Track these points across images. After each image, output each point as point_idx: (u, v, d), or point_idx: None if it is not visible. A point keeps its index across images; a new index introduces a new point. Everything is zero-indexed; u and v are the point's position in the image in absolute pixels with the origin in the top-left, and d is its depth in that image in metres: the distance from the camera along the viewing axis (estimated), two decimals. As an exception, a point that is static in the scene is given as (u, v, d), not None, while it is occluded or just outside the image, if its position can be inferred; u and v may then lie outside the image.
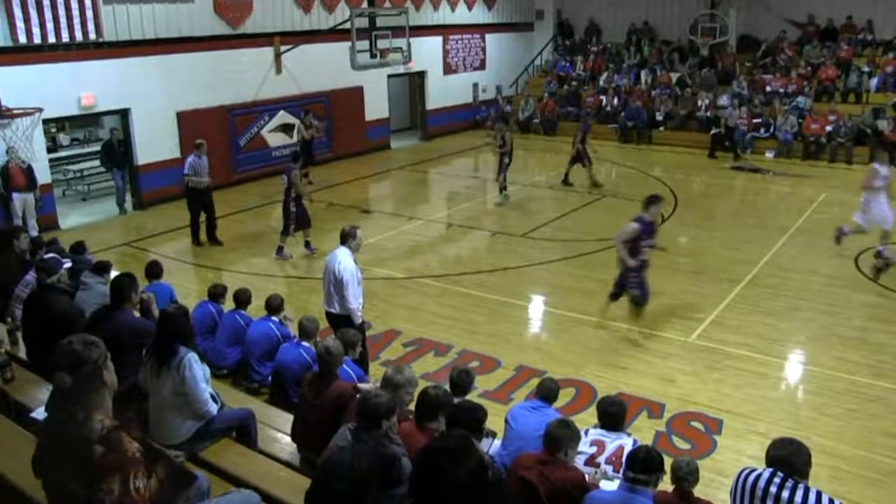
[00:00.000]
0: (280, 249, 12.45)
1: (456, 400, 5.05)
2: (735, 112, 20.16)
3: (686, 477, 4.70)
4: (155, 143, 15.82)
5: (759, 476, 4.02)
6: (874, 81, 21.51)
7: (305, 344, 7.01)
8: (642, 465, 4.23)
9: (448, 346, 9.06)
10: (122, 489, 2.92)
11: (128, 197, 15.86)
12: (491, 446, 5.26)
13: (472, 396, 5.72)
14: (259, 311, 8.25)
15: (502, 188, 15.77)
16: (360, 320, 7.60)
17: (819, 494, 3.89)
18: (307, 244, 12.60)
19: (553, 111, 23.82)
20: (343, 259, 7.42)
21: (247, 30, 17.41)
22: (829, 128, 19.78)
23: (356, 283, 7.46)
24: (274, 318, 7.91)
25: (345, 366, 6.11)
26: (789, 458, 4.00)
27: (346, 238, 7.54)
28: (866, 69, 21.75)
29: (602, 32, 27.09)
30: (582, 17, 27.45)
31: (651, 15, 26.16)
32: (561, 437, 4.52)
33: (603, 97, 23.64)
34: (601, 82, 24.56)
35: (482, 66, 25.38)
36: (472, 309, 10.26)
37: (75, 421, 3.01)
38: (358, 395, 4.93)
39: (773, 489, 3.94)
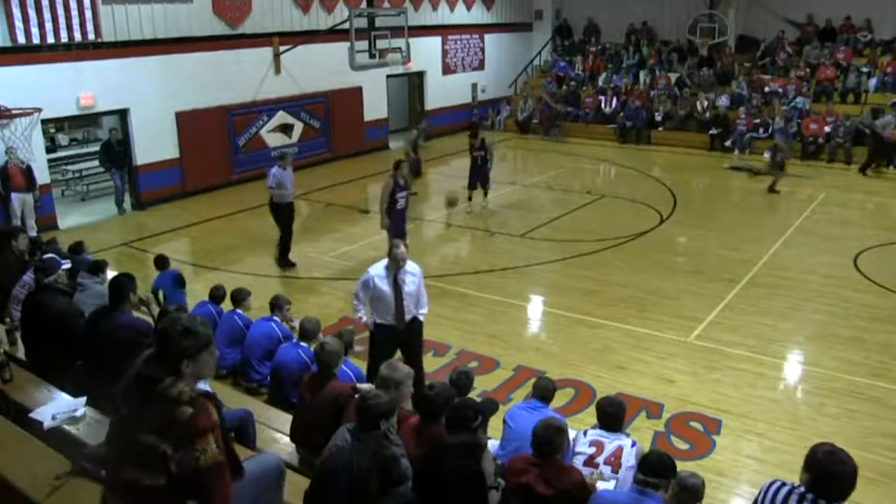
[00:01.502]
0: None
1: (455, 400, 5.01)
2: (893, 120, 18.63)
3: (682, 492, 4.34)
4: (154, 143, 15.80)
5: (789, 493, 3.82)
6: (873, 82, 21.50)
7: (304, 345, 7.01)
8: (653, 468, 4.21)
9: (447, 347, 9.07)
10: (213, 448, 3.11)
11: (126, 197, 15.83)
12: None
13: (471, 397, 5.73)
14: (263, 311, 8.25)
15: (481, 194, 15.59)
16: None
17: None
18: None
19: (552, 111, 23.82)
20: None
21: (246, 30, 17.41)
22: (827, 128, 19.79)
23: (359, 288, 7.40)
24: (276, 317, 7.91)
25: (343, 366, 6.11)
26: (836, 477, 3.73)
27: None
28: (865, 69, 21.75)
29: (601, 32, 27.08)
30: (581, 18, 27.46)
31: (650, 15, 26.16)
32: (554, 440, 4.46)
33: (602, 97, 23.65)
34: (600, 82, 24.60)
35: (481, 67, 25.41)
36: (471, 309, 10.26)
37: (164, 385, 3.14)
38: (356, 396, 4.92)
39: None
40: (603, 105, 23.49)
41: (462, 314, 10.12)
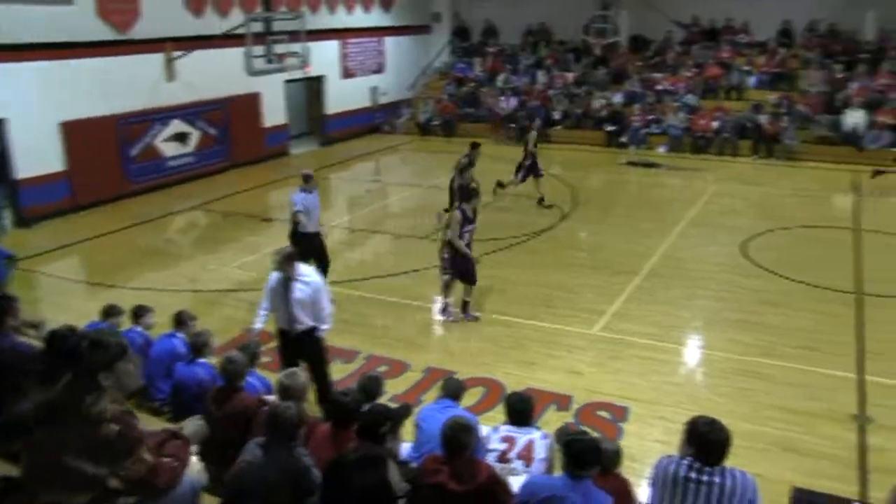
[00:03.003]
0: None
1: (365, 406, 5.03)
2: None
3: (608, 461, 4.86)
4: (37, 155, 14.93)
5: (679, 464, 4.16)
6: (752, 80, 22.68)
7: (202, 360, 6.83)
8: (582, 462, 4.24)
9: (355, 352, 9.02)
10: (147, 459, 3.18)
11: (6, 214, 14.83)
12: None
13: (381, 401, 5.75)
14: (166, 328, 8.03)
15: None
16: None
17: (736, 474, 4.07)
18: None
19: (452, 113, 24.05)
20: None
21: (135, 35, 16.80)
22: (715, 123, 20.74)
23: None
24: (180, 333, 7.68)
25: (250, 378, 6.01)
26: (717, 444, 4.11)
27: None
28: (745, 68, 22.91)
29: (499, 34, 27.53)
30: (478, 19, 27.82)
31: (546, 16, 26.66)
32: (462, 438, 4.45)
33: (501, 97, 24.01)
34: (499, 83, 24.97)
35: (381, 70, 25.40)
36: (378, 313, 10.26)
37: (86, 404, 3.13)
38: (264, 408, 4.87)
39: (693, 475, 4.08)
40: (502, 105, 23.84)
41: (369, 319, 10.10)
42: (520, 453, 5.24)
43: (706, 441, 4.11)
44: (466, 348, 9.24)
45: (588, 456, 4.22)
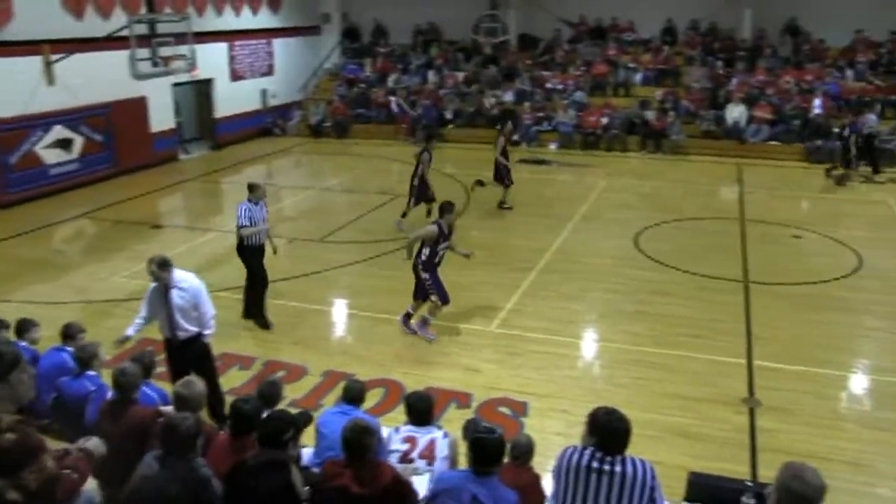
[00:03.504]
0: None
1: (266, 412, 4.92)
2: (875, 119, 18.98)
3: (519, 455, 5.01)
4: None
5: (582, 453, 4.18)
6: (638, 77, 23.36)
7: (91, 373, 6.48)
8: (487, 459, 4.27)
9: (252, 359, 8.80)
10: (49, 466, 3.09)
11: None
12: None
13: (281, 406, 5.59)
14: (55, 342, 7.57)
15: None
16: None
17: (636, 461, 4.13)
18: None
19: (344, 114, 23.80)
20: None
21: (8, 36, 15.86)
22: (604, 120, 21.22)
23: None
24: (68, 347, 7.25)
25: (145, 388, 5.74)
26: (619, 433, 4.18)
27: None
28: (632, 66, 23.56)
29: (388, 34, 27.42)
30: (368, 20, 27.62)
31: (436, 16, 26.69)
32: (362, 441, 4.39)
33: (392, 98, 23.90)
34: (390, 83, 24.86)
35: (270, 72, 24.86)
36: (275, 318, 9.97)
37: None
38: (161, 419, 4.64)
39: (595, 464, 4.11)
40: (393, 105, 23.74)
41: (267, 324, 9.87)
42: (422, 453, 5.21)
43: (607, 431, 4.16)
44: (365, 350, 9.10)
45: (492, 452, 4.27)
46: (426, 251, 9.10)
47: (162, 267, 6.81)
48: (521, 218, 14.55)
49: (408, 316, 9.47)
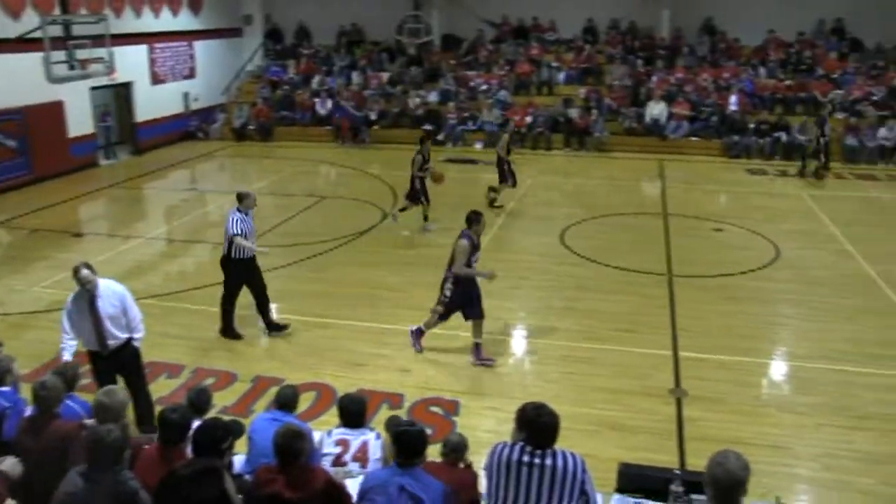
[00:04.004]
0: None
1: (196, 421, 4.83)
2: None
3: (450, 452, 5.06)
4: None
5: (512, 448, 4.22)
6: (561, 76, 23.69)
7: (5, 389, 6.21)
8: (409, 451, 4.33)
9: (180, 367, 8.61)
10: None
11: None
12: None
13: (211, 414, 5.50)
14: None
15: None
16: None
17: (566, 455, 4.19)
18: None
19: (268, 117, 23.48)
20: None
21: None
22: (528, 118, 21.45)
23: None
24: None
25: (69, 402, 5.53)
26: (547, 427, 4.24)
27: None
28: (555, 65, 23.88)
29: (312, 35, 27.15)
30: (291, 21, 27.29)
31: (359, 17, 26.57)
32: (294, 445, 4.35)
33: (316, 100, 23.69)
34: (314, 85, 24.62)
35: (192, 75, 24.35)
36: (203, 325, 9.78)
37: None
38: (85, 433, 4.49)
39: (525, 458, 4.16)
40: (318, 107, 23.53)
41: (194, 331, 9.64)
42: (355, 455, 5.23)
43: (536, 425, 4.22)
44: (295, 354, 8.99)
45: (415, 444, 4.34)
46: (456, 264, 8.56)
47: (92, 271, 6.60)
48: (448, 217, 14.55)
49: (477, 347, 8.71)
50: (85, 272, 6.57)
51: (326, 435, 5.31)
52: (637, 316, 9.86)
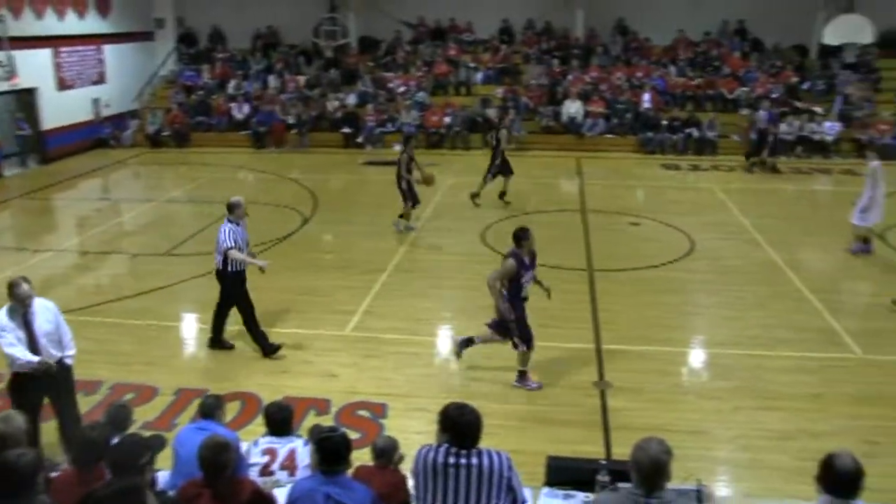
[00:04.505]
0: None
1: (116, 438, 4.69)
2: (766, 115, 19.68)
3: (379, 456, 5.04)
4: None
5: (437, 451, 4.22)
6: (479, 76, 23.88)
7: None
8: (332, 459, 4.28)
9: (98, 383, 8.30)
10: None
11: None
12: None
13: (133, 430, 5.36)
14: None
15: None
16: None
17: (491, 453, 4.21)
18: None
19: (183, 122, 22.99)
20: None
21: None
22: (446, 119, 21.59)
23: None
24: None
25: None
26: (470, 427, 4.24)
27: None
28: (472, 65, 24.08)
29: (226, 39, 26.69)
30: (204, 25, 26.72)
31: (275, 20, 26.24)
32: (219, 458, 4.27)
33: (232, 104, 23.31)
34: (230, 89, 24.21)
35: (102, 80, 23.61)
36: (120, 339, 9.52)
37: None
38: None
39: (451, 459, 4.17)
40: (234, 112, 23.16)
41: (111, 346, 9.33)
42: (283, 464, 5.18)
43: (459, 425, 4.22)
44: (218, 364, 8.83)
45: (338, 451, 4.29)
46: (508, 287, 7.98)
47: (31, 285, 6.28)
48: (370, 220, 14.54)
49: (468, 341, 8.45)
50: (24, 287, 6.20)
51: (253, 444, 5.25)
52: (560, 311, 9.96)
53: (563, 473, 5.18)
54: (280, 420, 5.36)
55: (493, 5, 25.13)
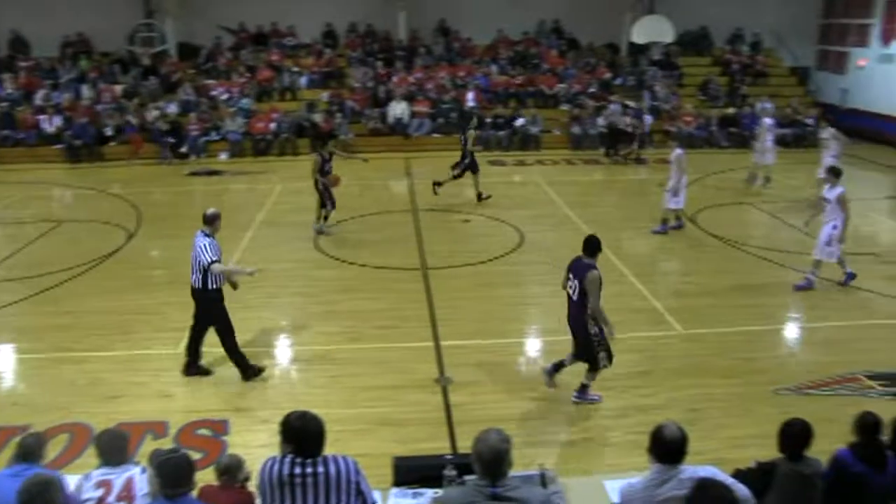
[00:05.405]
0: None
1: None
2: (618, 109, 21.13)
3: (223, 474, 5.00)
4: None
5: (282, 462, 4.17)
6: (303, 80, 23.69)
7: None
8: (173, 481, 4.14)
9: None
10: None
11: None
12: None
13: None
14: None
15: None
16: None
17: (338, 459, 4.22)
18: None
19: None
20: None
21: None
22: (273, 125, 21.27)
23: None
24: None
25: None
26: (312, 434, 4.22)
27: None
28: (296, 69, 23.83)
29: (30, 46, 24.88)
30: (3, 31, 24.70)
31: (85, 26, 24.75)
32: (43, 499, 4.00)
33: (41, 116, 21.78)
34: (37, 100, 22.60)
35: None
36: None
37: None
38: None
39: (297, 470, 4.13)
40: (43, 125, 21.65)
41: None
42: (119, 495, 4.85)
43: (301, 434, 4.20)
44: (40, 396, 8.21)
45: (180, 473, 4.17)
46: (592, 300, 7.32)
47: None
48: (188, 230, 14.03)
49: (583, 388, 7.86)
50: None
51: (85, 479, 4.90)
52: (397, 311, 10.11)
53: (410, 472, 5.24)
54: (113, 448, 5.03)
55: (314, 9, 24.99)
